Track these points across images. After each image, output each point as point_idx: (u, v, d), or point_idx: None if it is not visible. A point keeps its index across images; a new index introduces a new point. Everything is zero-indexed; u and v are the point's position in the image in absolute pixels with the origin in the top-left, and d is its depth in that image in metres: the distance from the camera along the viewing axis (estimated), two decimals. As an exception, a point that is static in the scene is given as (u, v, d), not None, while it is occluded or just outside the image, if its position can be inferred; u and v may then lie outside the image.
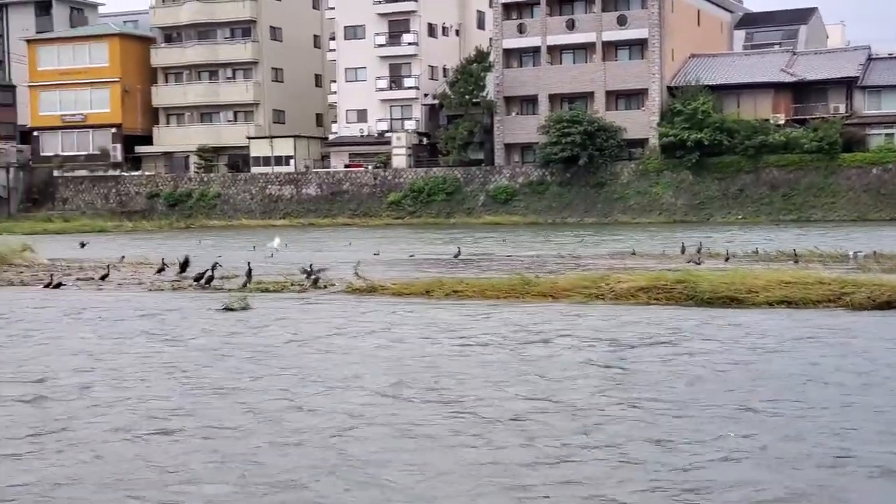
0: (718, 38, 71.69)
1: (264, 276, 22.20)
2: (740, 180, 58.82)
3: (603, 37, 63.30)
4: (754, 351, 12.58)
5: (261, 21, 75.58)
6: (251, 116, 75.89)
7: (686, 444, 8.30)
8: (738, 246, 30.79)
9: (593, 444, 8.32)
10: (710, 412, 9.37)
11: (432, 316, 16.54)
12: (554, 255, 30.07)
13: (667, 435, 8.56)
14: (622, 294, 17.99)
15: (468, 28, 75.37)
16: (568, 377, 11.16)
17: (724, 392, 10.23)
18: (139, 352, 13.47)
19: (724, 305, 16.81)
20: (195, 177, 72.48)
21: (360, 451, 8.22)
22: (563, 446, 8.27)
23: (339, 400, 10.21)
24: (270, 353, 13.19)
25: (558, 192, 62.03)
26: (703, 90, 60.26)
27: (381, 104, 70.84)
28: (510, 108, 66.28)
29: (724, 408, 9.53)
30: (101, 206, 71.88)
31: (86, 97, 76.88)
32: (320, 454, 8.19)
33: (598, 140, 60.52)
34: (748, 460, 7.83)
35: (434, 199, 64.34)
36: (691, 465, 7.69)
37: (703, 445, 8.24)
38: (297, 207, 67.85)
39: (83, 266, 27.51)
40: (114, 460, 8.10)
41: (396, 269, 25.85)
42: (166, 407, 10.00)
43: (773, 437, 8.43)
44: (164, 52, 77.60)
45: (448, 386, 10.78)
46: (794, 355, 12.21)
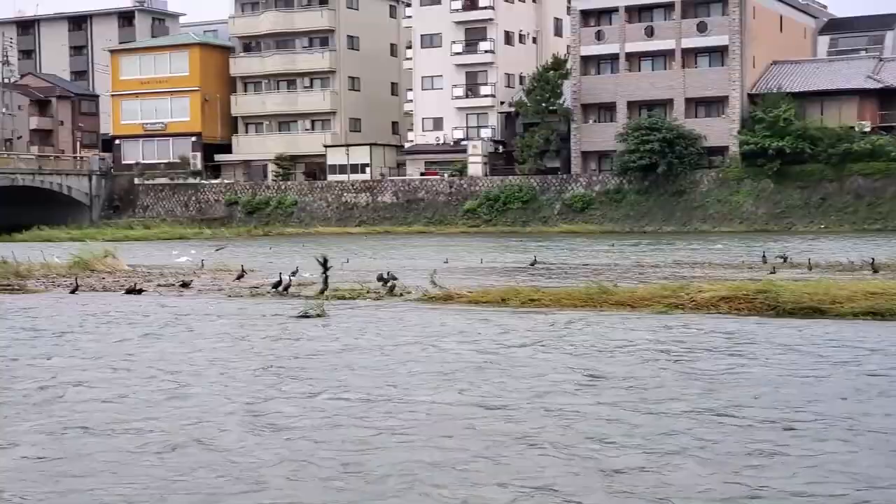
0: (802, 44, 70.32)
1: (341, 284, 22.28)
2: (823, 189, 57.56)
3: (682, 44, 62.55)
4: (843, 363, 12.18)
5: (338, 30, 76.31)
6: (328, 125, 76.62)
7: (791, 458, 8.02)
8: (821, 256, 30.06)
9: (688, 448, 8.09)
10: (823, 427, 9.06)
11: (509, 324, 16.40)
12: (632, 264, 29.70)
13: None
14: (702, 304, 17.64)
15: (545, 35, 75.09)
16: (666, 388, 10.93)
17: (836, 400, 9.91)
18: (217, 356, 13.57)
19: (807, 316, 16.38)
20: (273, 185, 73.38)
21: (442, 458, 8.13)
22: (646, 453, 8.07)
23: (424, 406, 10.12)
24: (343, 358, 13.17)
25: (636, 201, 61.38)
26: (786, 97, 59.16)
27: (457, 112, 70.93)
28: (587, 116, 65.83)
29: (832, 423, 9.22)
30: (180, 213, 73.16)
31: (166, 106, 78.42)
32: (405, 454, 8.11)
33: (677, 148, 59.78)
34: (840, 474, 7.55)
35: (509, 208, 64.15)
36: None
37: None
38: (373, 215, 68.23)
39: (163, 272, 27.96)
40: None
41: (472, 277, 25.73)
42: (251, 408, 10.02)
43: (870, 451, 8.12)
44: (243, 62, 78.78)
45: (533, 393, 10.63)
46: (880, 367, 11.80)
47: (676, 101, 62.75)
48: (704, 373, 11.79)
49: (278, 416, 9.81)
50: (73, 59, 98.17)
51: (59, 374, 12.38)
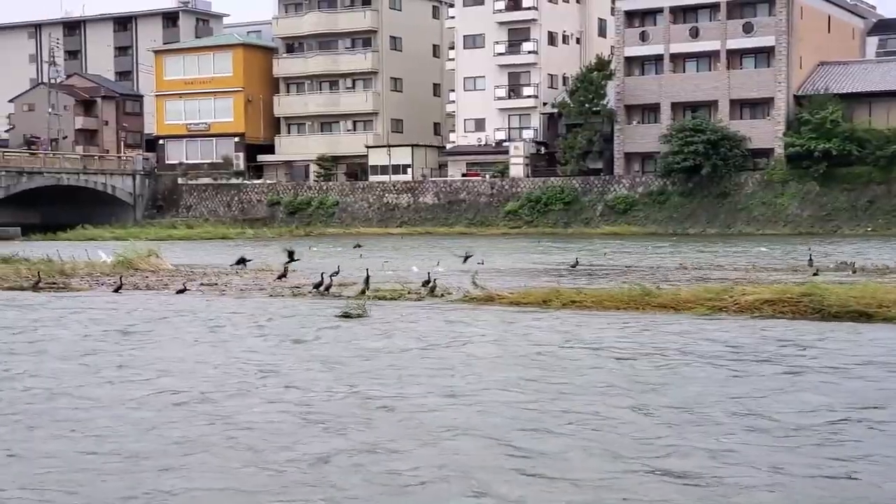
0: (850, 44, 69.34)
1: (382, 284, 22.27)
2: (871, 191, 56.71)
3: (728, 45, 61.94)
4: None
5: (381, 31, 76.49)
6: (370, 126, 76.81)
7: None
8: (868, 259, 29.59)
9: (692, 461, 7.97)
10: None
11: (551, 325, 16.30)
12: (675, 266, 29.42)
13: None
14: (746, 307, 17.42)
15: (589, 36, 74.71)
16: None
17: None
18: (261, 358, 13.62)
19: (853, 320, 16.11)
20: (314, 185, 73.68)
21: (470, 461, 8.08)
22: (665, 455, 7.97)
23: (462, 408, 10.08)
24: (384, 358, 13.16)
25: (679, 203, 60.87)
26: (833, 99, 58.35)
27: (499, 113, 70.78)
28: (631, 117, 65.40)
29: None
30: (223, 213, 73.66)
31: (210, 106, 79.05)
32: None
33: (721, 149, 59.20)
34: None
35: (551, 209, 63.88)
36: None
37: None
38: (414, 216, 68.27)
39: (206, 272, 28.14)
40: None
41: (513, 278, 25.61)
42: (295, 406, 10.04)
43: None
44: (286, 62, 79.21)
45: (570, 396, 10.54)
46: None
47: (721, 102, 62.13)
48: (747, 378, 11.63)
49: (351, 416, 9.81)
50: (118, 59, 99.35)
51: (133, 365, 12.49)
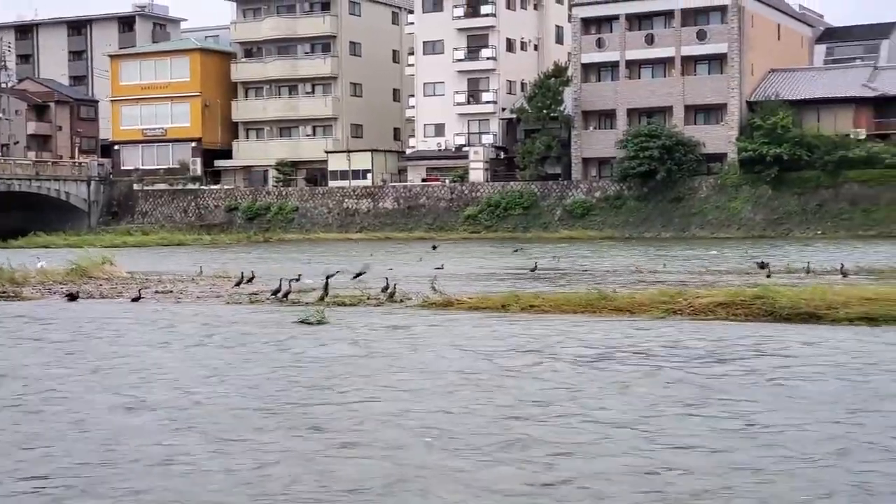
0: (799, 52, 70.65)
1: (341, 291, 22.45)
2: (820, 195, 57.85)
3: (682, 51, 62.86)
4: (841, 369, 12.40)
5: (340, 36, 76.59)
6: (329, 131, 76.85)
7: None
8: (818, 262, 30.26)
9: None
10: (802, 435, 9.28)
11: (508, 329, 16.59)
12: (631, 270, 29.90)
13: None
14: (700, 309, 17.84)
15: (546, 43, 75.38)
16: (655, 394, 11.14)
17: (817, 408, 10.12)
18: (214, 364, 13.77)
19: (804, 321, 16.57)
20: (273, 190, 73.54)
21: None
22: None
23: (417, 414, 10.32)
24: (341, 365, 13.36)
25: (635, 207, 61.63)
26: (783, 105, 59.49)
27: (458, 118, 71.18)
28: (588, 123, 66.10)
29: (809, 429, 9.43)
30: (180, 219, 73.22)
31: (166, 111, 78.60)
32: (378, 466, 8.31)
33: (676, 154, 60.07)
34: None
35: (510, 214, 64.38)
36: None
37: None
38: (374, 221, 68.42)
39: (162, 279, 28.06)
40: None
41: (473, 283, 25.91)
42: (239, 414, 10.23)
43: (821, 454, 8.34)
44: (244, 67, 79.00)
45: (517, 398, 10.83)
46: (869, 373, 12.00)
47: (676, 108, 63.04)
48: (694, 379, 12.00)
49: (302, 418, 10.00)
50: (73, 63, 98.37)
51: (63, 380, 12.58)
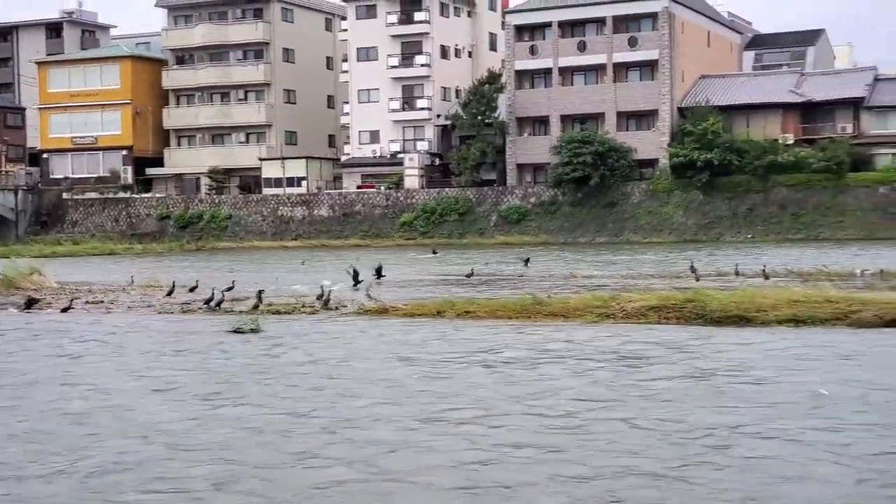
0: (728, 59, 71.85)
1: (275, 299, 22.28)
2: (750, 200, 58.84)
3: (614, 58, 63.51)
4: (764, 369, 12.60)
5: (273, 43, 76.06)
6: (263, 138, 76.24)
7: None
8: (745, 265, 30.76)
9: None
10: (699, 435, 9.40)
11: (443, 336, 16.60)
12: (566, 275, 30.11)
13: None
14: (633, 313, 18.04)
15: (480, 50, 75.68)
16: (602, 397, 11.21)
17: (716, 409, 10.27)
18: (144, 374, 13.57)
19: (734, 324, 16.85)
20: (206, 198, 72.70)
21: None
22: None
23: (343, 418, 10.27)
24: (274, 374, 13.26)
25: (570, 212, 62.10)
26: (713, 111, 60.39)
27: (393, 125, 71.09)
28: (522, 129, 66.47)
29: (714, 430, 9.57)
30: (111, 228, 72.01)
31: (96, 119, 77.33)
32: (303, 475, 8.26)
33: (609, 160, 60.64)
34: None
35: (446, 220, 64.43)
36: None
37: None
38: (309, 229, 67.99)
39: (92, 289, 27.61)
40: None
41: (408, 290, 25.88)
42: (169, 425, 10.08)
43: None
44: (175, 74, 78.05)
45: (450, 406, 10.84)
46: (799, 374, 12.22)
47: (608, 114, 63.67)
48: (614, 383, 12.12)
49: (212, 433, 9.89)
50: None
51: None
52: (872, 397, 10.80)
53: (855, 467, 8.11)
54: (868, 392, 11.05)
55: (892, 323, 16.06)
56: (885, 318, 16.20)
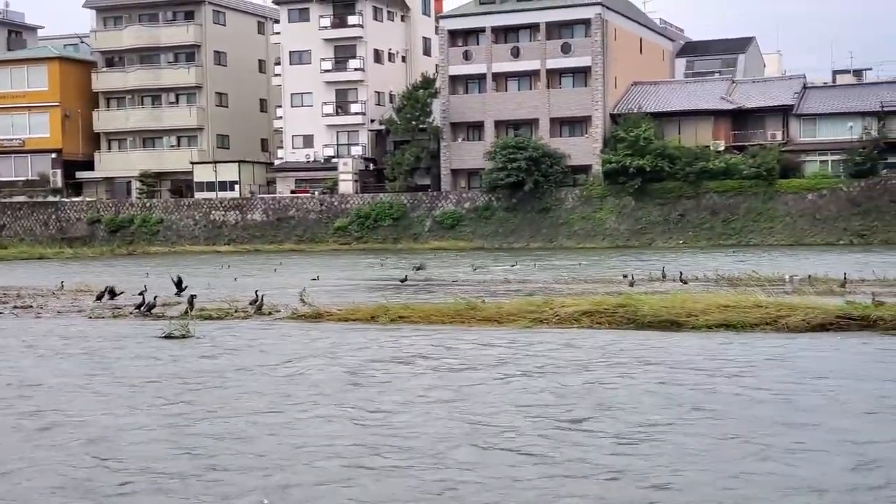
0: (660, 66, 72.81)
1: (208, 304, 22.00)
2: (681, 206, 59.64)
3: (547, 64, 63.98)
4: (693, 374, 12.75)
5: (205, 46, 75.21)
6: (195, 141, 75.34)
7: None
8: (677, 270, 31.15)
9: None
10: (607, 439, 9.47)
11: (375, 341, 16.53)
12: (500, 280, 30.21)
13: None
14: (566, 318, 18.15)
15: (414, 54, 75.71)
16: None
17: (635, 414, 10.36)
18: (72, 381, 13.29)
19: (665, 329, 17.02)
20: (137, 202, 71.63)
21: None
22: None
23: (273, 428, 10.16)
24: (204, 380, 13.08)
25: (504, 218, 62.37)
26: (645, 117, 61.11)
27: (327, 129, 70.75)
28: (456, 135, 66.61)
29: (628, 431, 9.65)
30: (40, 232, 70.67)
31: (24, 121, 75.78)
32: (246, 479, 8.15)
33: (542, 166, 61.02)
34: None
35: (381, 225, 64.29)
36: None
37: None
38: (242, 233, 67.36)
39: (21, 294, 27.06)
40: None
41: (343, 295, 25.75)
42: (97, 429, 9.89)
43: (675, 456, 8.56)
44: (105, 77, 76.79)
45: (374, 408, 10.79)
46: (726, 378, 12.39)
47: (542, 120, 64.10)
48: (546, 388, 12.18)
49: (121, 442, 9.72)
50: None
51: None
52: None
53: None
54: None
55: (819, 328, 16.37)
56: (812, 323, 16.50)
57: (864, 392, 11.41)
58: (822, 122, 61.54)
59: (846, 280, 24.37)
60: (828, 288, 22.99)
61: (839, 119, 60.98)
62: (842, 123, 60.66)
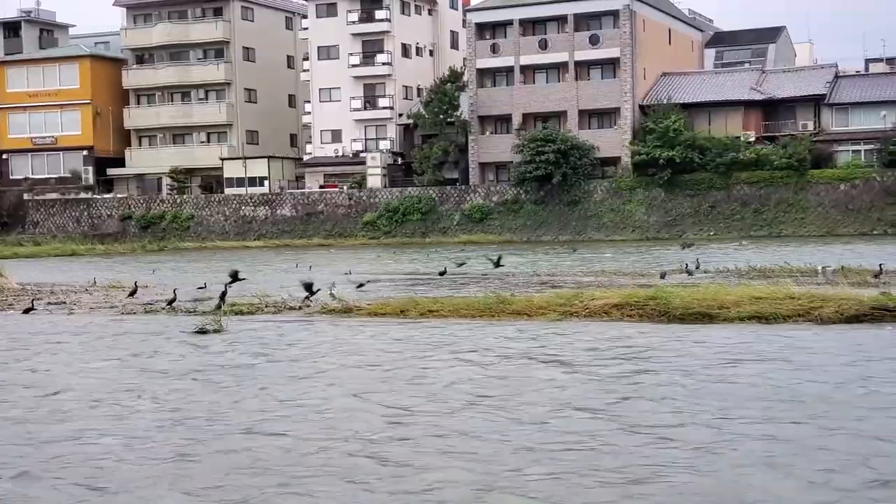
0: (689, 56, 72.33)
1: (239, 298, 22.10)
2: (712, 197, 59.29)
3: (575, 56, 63.72)
4: (725, 366, 12.67)
5: (233, 42, 75.57)
6: (224, 137, 75.73)
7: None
8: (710, 262, 30.98)
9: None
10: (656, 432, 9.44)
11: (399, 334, 16.55)
12: (530, 273, 30.14)
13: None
14: (596, 311, 18.08)
15: (442, 48, 75.68)
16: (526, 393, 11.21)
17: (693, 407, 10.32)
18: (110, 376, 13.41)
19: (696, 321, 16.91)
20: (168, 199, 72.16)
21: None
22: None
23: (308, 421, 10.20)
24: (238, 373, 13.15)
25: (533, 211, 62.26)
26: (675, 108, 60.73)
27: (355, 124, 70.91)
28: (484, 128, 66.52)
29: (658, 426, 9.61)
30: (72, 229, 71.37)
31: (56, 119, 76.52)
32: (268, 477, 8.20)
33: (571, 159, 60.84)
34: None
35: (409, 219, 64.38)
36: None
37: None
38: (272, 229, 67.69)
39: (54, 290, 27.33)
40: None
41: (376, 289, 25.77)
42: (143, 429, 9.97)
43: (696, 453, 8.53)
44: (135, 74, 77.36)
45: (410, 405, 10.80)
46: (761, 370, 12.30)
47: (570, 112, 63.86)
48: (586, 379, 12.14)
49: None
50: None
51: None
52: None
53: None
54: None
55: (853, 319, 16.21)
56: (846, 314, 16.34)
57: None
58: (854, 112, 60.91)
59: (881, 270, 24.07)
60: (862, 279, 22.75)
61: (872, 108, 60.33)
62: (875, 112, 60.02)
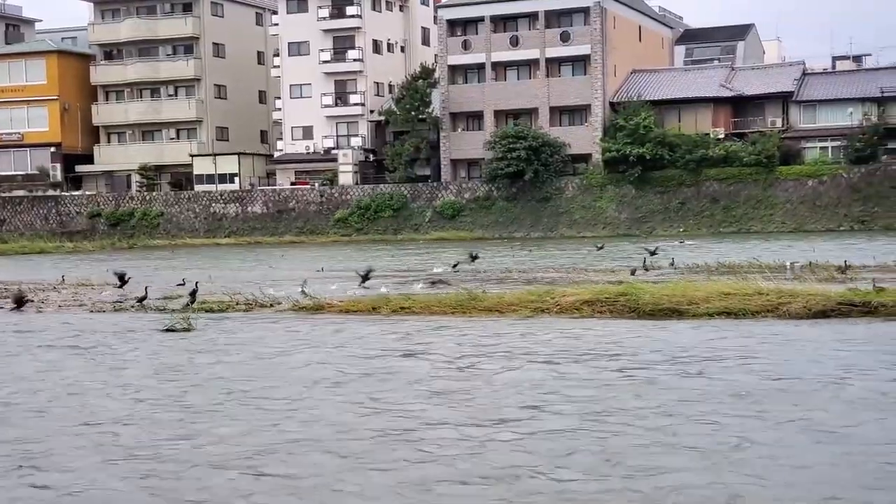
0: (659, 53, 72.66)
1: (209, 296, 22.00)
2: (682, 193, 59.62)
3: (546, 53, 63.85)
4: (690, 363, 12.76)
5: (203, 38, 75.09)
6: (194, 134, 75.27)
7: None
8: (680, 258, 31.16)
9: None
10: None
11: (374, 332, 16.53)
12: (501, 270, 30.18)
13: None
14: (567, 307, 18.16)
15: (413, 44, 75.58)
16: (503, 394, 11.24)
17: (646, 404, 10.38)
18: (75, 375, 13.31)
19: (666, 317, 17.01)
20: (137, 196, 71.62)
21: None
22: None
23: (272, 420, 10.18)
24: (203, 372, 13.09)
25: (504, 207, 62.35)
26: (645, 105, 60.99)
27: (326, 121, 70.68)
28: (456, 124, 66.52)
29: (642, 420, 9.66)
30: (40, 226, 70.70)
31: (23, 115, 75.70)
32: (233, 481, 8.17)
33: (542, 155, 60.96)
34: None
35: (381, 216, 64.28)
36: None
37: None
38: (243, 226, 67.37)
39: (22, 288, 27.03)
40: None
41: (347, 286, 25.71)
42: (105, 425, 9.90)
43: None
44: (103, 70, 76.68)
45: (380, 399, 10.80)
46: (729, 365, 12.40)
47: (541, 109, 63.98)
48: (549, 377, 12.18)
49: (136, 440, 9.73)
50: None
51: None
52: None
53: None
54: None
55: (820, 314, 16.37)
56: (813, 309, 16.50)
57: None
58: (821, 109, 61.46)
59: (847, 266, 24.32)
60: (829, 275, 22.98)
61: (839, 105, 60.87)
62: (842, 109, 60.55)
